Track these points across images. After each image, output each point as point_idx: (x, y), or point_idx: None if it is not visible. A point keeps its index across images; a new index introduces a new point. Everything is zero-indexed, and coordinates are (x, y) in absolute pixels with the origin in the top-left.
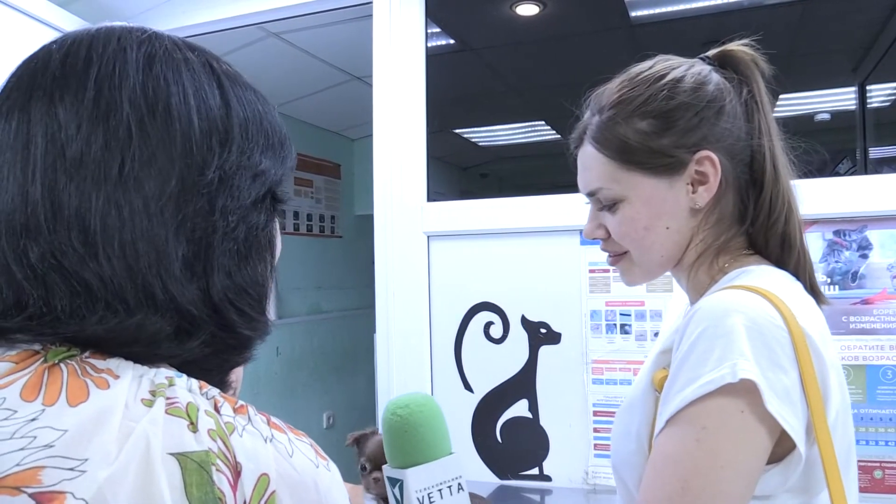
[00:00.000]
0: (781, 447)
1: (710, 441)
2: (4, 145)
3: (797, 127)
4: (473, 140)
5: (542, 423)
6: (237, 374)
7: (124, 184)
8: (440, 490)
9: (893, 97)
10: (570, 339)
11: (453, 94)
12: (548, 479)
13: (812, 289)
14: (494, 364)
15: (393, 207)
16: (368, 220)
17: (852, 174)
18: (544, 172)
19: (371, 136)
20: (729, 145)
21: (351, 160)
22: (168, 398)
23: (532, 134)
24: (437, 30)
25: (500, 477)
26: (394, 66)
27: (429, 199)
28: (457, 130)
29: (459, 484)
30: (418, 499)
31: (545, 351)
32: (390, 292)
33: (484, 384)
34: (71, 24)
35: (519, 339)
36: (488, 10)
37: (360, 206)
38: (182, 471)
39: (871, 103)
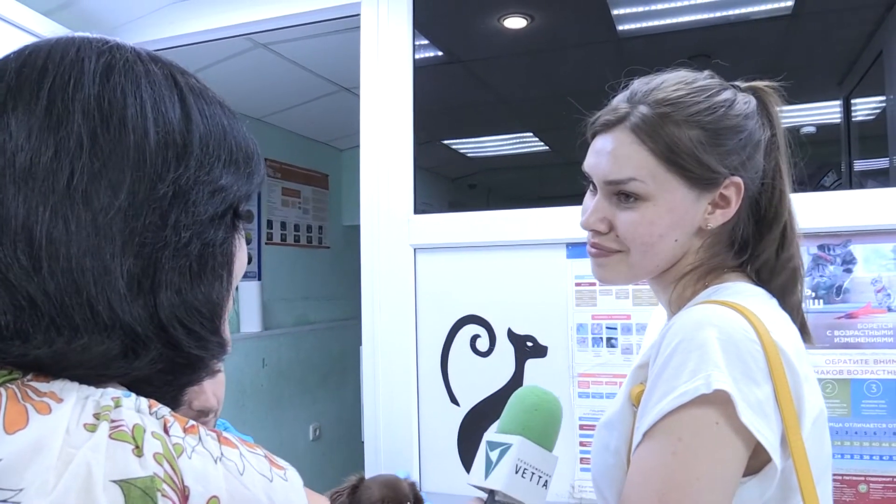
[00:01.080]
0: (757, 460)
1: (687, 453)
2: None
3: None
4: (462, 151)
5: None
6: (218, 392)
7: (72, 196)
8: (533, 474)
9: (878, 111)
10: (557, 352)
11: (442, 105)
12: None
13: (802, 328)
14: (481, 377)
15: (380, 219)
16: (356, 230)
17: (838, 187)
18: (533, 183)
19: (359, 146)
20: (753, 178)
21: (339, 170)
22: (113, 421)
23: (520, 145)
24: (426, 42)
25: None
26: (381, 77)
27: (416, 212)
28: (446, 141)
29: (546, 482)
30: (516, 465)
31: (531, 364)
32: (376, 305)
33: (470, 397)
34: (55, 33)
35: (505, 352)
36: (476, 22)
37: (348, 217)
38: (125, 498)
39: (855, 117)
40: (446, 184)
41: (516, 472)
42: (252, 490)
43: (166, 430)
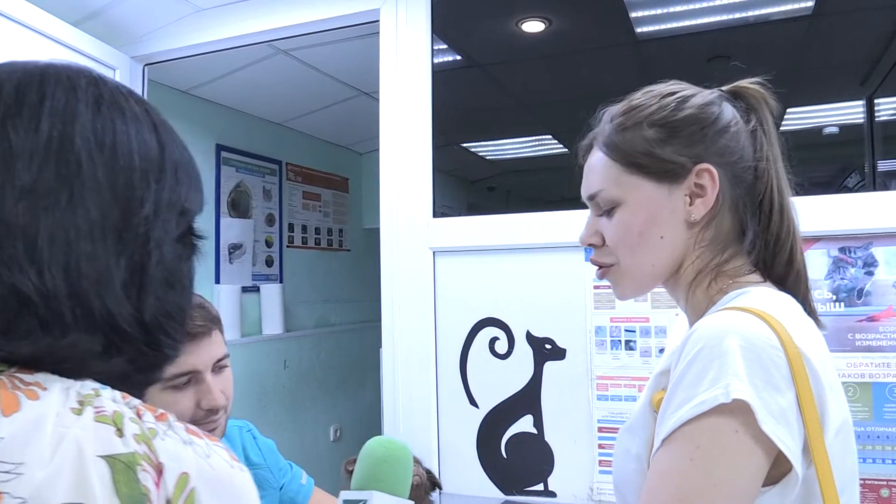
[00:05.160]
0: (778, 468)
1: (704, 460)
2: None
3: (805, 141)
4: (481, 154)
5: (547, 438)
6: (227, 390)
7: (73, 209)
8: None
9: None
10: (575, 354)
11: (461, 108)
12: (553, 495)
13: (811, 312)
14: (499, 379)
15: (399, 223)
16: (376, 233)
17: (861, 188)
18: (552, 185)
19: (379, 150)
20: (730, 163)
21: (359, 174)
22: (95, 407)
23: (539, 148)
24: (444, 46)
25: (505, 493)
26: (400, 81)
27: (435, 215)
28: (465, 144)
29: None
30: None
31: (550, 366)
32: (396, 307)
33: (489, 399)
34: (84, 42)
35: (524, 354)
36: (494, 27)
37: (368, 220)
38: (111, 471)
39: (879, 117)
40: (465, 186)
41: None
42: (218, 471)
43: (140, 417)
